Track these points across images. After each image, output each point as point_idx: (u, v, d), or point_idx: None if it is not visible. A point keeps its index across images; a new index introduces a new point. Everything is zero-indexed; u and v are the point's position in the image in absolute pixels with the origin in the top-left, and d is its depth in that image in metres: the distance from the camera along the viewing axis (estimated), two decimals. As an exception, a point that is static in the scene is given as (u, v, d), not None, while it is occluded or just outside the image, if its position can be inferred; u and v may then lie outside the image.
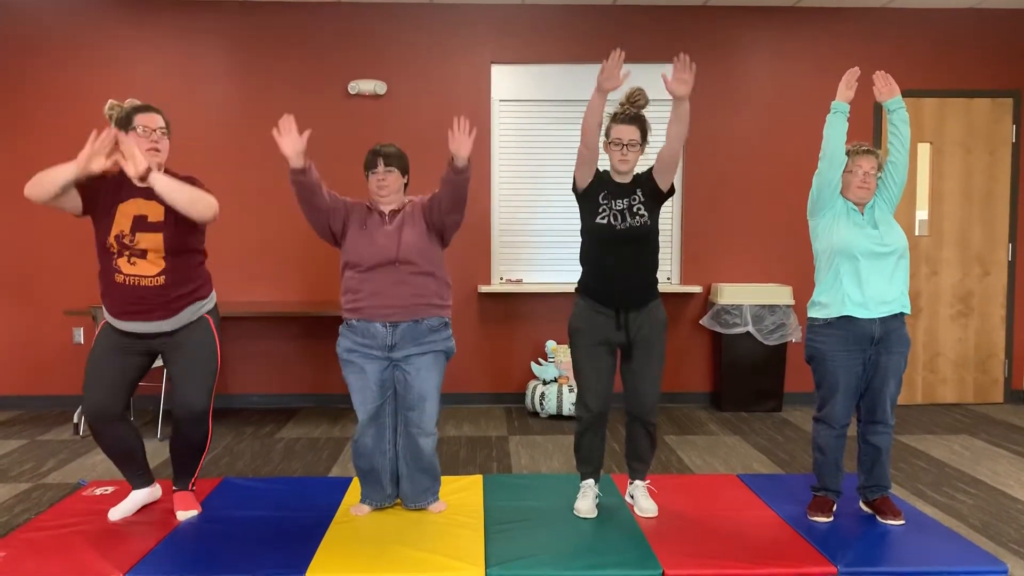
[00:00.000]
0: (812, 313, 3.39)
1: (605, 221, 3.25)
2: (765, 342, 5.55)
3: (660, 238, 3.36)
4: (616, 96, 3.33)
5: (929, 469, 4.25)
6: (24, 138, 5.65)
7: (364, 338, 3.29)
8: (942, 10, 5.78)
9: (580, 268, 3.40)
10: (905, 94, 5.88)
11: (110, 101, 3.28)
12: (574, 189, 3.36)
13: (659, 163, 3.28)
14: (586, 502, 3.41)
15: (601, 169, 3.36)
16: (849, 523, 3.32)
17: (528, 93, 5.84)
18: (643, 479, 3.50)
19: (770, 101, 5.82)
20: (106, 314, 3.27)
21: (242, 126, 5.70)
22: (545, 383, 5.50)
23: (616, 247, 3.26)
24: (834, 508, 3.39)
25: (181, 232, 3.20)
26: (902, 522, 3.29)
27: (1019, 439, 4.92)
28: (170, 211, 3.17)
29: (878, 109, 5.79)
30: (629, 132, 3.25)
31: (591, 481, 3.45)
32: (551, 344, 5.62)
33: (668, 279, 5.91)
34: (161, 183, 3.07)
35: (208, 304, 3.38)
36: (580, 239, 3.39)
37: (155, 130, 3.21)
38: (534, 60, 5.79)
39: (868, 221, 3.31)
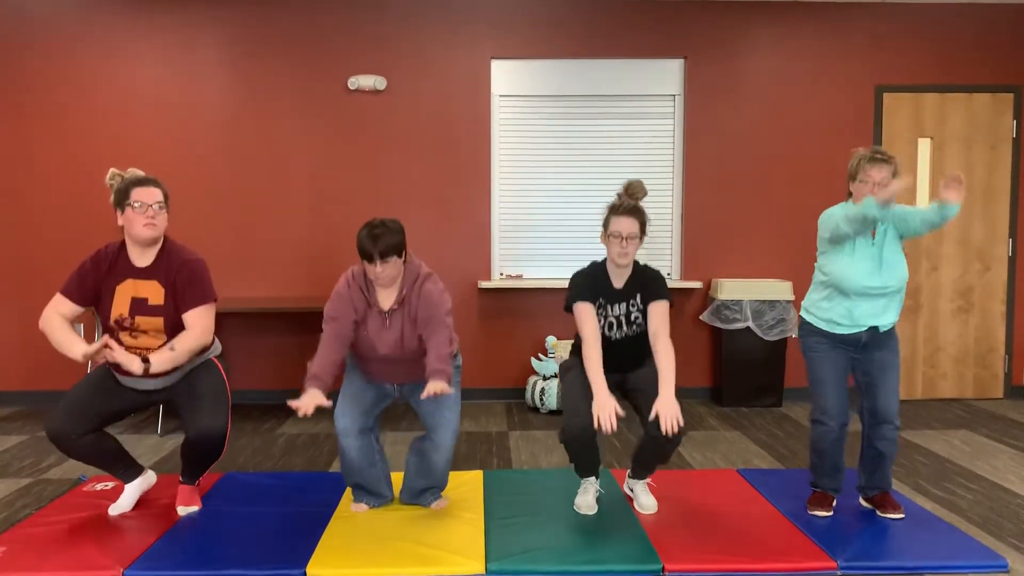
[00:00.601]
0: (803, 313, 3.44)
1: (601, 332, 3.28)
2: (765, 337, 5.55)
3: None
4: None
5: (929, 464, 4.26)
6: (23, 131, 5.64)
7: (371, 384, 3.37)
8: (943, 5, 5.77)
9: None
10: (906, 89, 5.96)
11: (111, 170, 3.20)
12: (567, 310, 3.34)
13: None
14: (586, 498, 3.42)
15: (598, 261, 3.36)
16: (849, 518, 3.32)
17: (528, 88, 5.83)
18: (643, 479, 3.50)
19: (771, 96, 5.81)
20: (107, 363, 3.26)
21: (242, 121, 5.69)
22: (545, 378, 5.50)
23: (610, 349, 3.30)
24: (834, 503, 3.40)
25: (182, 313, 3.18)
26: (902, 516, 3.29)
27: (1019, 434, 4.92)
28: (169, 293, 3.15)
29: (879, 94, 5.80)
30: (629, 225, 3.20)
31: (592, 478, 3.45)
32: (551, 340, 5.62)
33: (668, 274, 5.90)
34: (162, 364, 3.08)
35: (213, 352, 3.41)
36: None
37: (151, 205, 3.10)
38: (534, 56, 5.78)
39: (875, 253, 3.22)
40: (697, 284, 5.75)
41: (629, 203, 3.25)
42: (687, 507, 3.44)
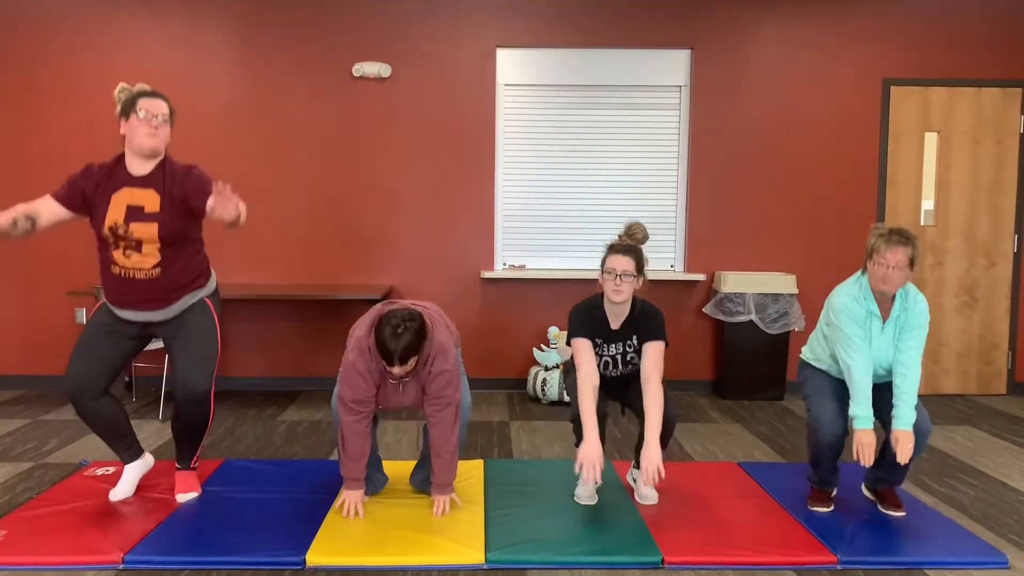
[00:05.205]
0: (806, 358, 3.54)
1: (598, 368, 3.31)
2: (768, 331, 5.54)
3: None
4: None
5: (931, 460, 4.25)
6: (28, 118, 5.62)
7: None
8: (953, -2, 5.74)
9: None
10: (914, 82, 5.92)
11: (121, 84, 3.23)
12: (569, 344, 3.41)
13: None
14: (587, 488, 3.42)
15: (596, 296, 3.37)
16: (849, 512, 3.32)
17: (533, 78, 5.80)
18: None
19: (778, 88, 5.77)
20: (103, 297, 3.27)
21: (246, 107, 5.68)
22: (547, 369, 5.49)
23: (604, 384, 3.34)
24: (832, 495, 3.40)
25: (178, 222, 3.15)
26: (903, 514, 3.28)
27: (1021, 431, 4.91)
28: (166, 201, 3.13)
29: (887, 87, 5.76)
30: (623, 263, 3.21)
31: None
32: (553, 330, 5.61)
33: (672, 266, 5.89)
34: (237, 211, 3.08)
35: (207, 289, 3.36)
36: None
37: (156, 115, 3.14)
38: (540, 44, 5.75)
39: (884, 343, 3.19)
40: (700, 276, 5.73)
41: (627, 242, 3.27)
42: (687, 499, 3.44)
